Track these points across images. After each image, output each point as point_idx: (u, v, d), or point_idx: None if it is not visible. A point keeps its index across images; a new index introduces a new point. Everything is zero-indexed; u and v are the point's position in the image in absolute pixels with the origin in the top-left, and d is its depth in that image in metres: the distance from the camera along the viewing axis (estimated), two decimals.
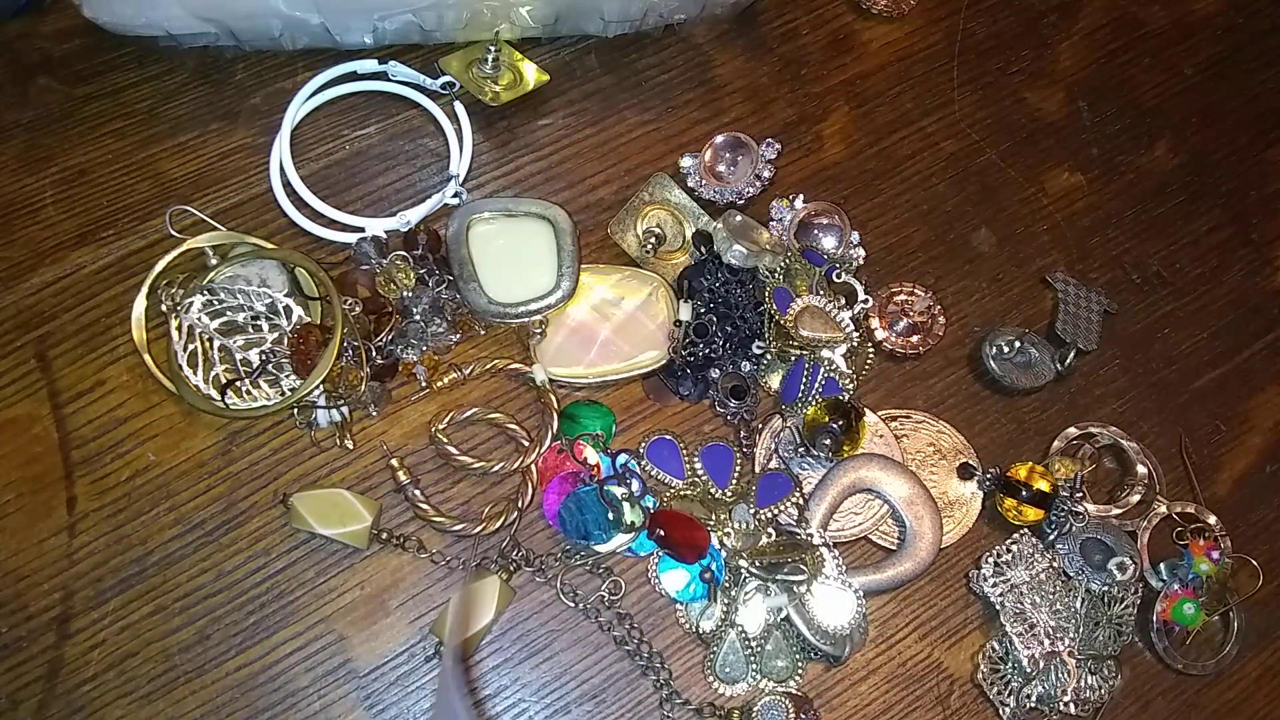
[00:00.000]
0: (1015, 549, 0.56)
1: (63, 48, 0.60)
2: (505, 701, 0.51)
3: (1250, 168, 0.70)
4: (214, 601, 0.51)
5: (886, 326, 0.60)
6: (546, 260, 0.57)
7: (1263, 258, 0.68)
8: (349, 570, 0.52)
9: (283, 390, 0.53)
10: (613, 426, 0.56)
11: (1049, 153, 0.68)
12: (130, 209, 0.57)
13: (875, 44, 0.68)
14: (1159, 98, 0.71)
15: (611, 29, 0.63)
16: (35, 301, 0.55)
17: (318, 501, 0.52)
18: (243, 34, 0.58)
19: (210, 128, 0.59)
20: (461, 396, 0.56)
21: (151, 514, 0.52)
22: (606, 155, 0.62)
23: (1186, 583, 0.57)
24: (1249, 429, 0.63)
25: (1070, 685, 0.53)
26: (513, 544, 0.53)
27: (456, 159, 0.60)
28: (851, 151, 0.65)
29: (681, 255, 0.60)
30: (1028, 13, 0.71)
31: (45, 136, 0.58)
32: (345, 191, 0.59)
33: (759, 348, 0.58)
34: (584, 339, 0.57)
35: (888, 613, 0.56)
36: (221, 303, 0.53)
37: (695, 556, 0.52)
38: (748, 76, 0.66)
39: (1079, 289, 0.62)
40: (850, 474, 0.55)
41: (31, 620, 0.50)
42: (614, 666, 0.53)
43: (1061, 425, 0.60)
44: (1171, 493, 0.60)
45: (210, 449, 0.53)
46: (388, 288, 0.56)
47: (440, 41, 0.61)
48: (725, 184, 0.61)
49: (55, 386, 0.53)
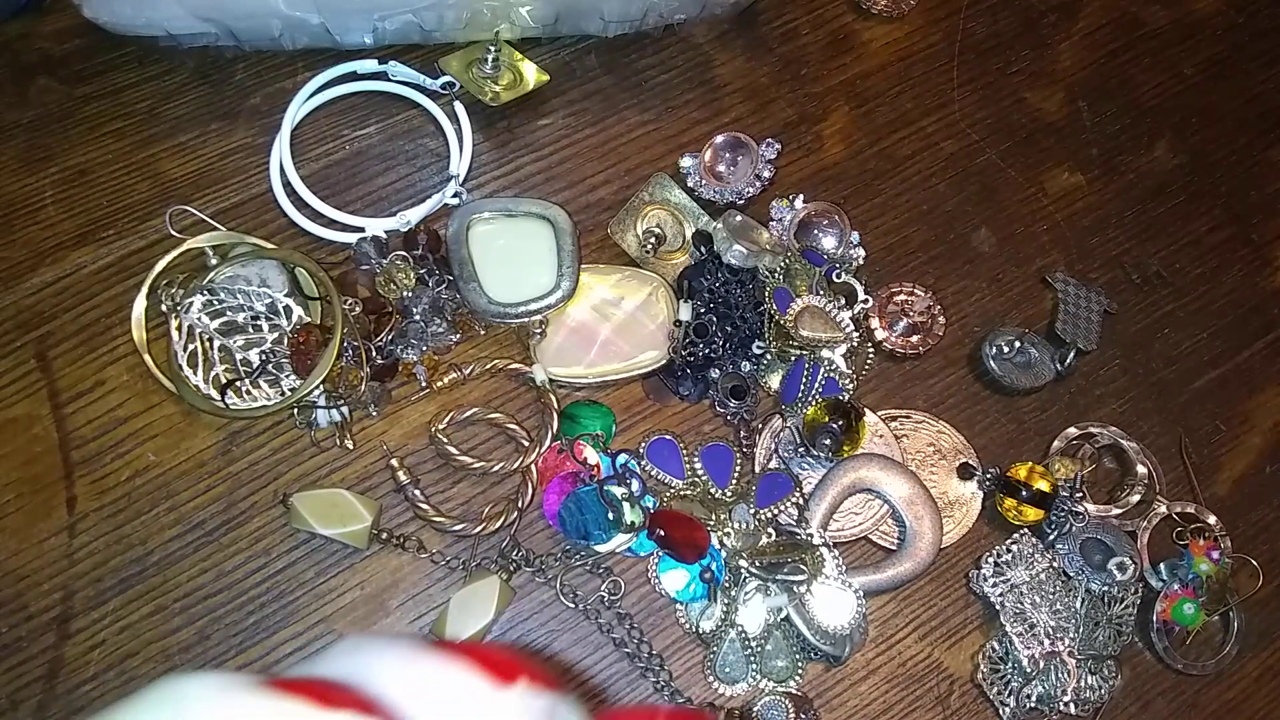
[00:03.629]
0: (1015, 549, 0.56)
1: (63, 48, 0.60)
2: None
3: (1250, 168, 0.70)
4: (214, 601, 0.51)
5: (886, 326, 0.60)
6: (546, 260, 0.57)
7: (1263, 258, 0.68)
8: (349, 570, 0.52)
9: (283, 390, 0.53)
10: (613, 426, 0.56)
11: (1049, 153, 0.68)
12: (130, 209, 0.57)
13: (875, 44, 0.68)
14: (1159, 98, 0.71)
15: (611, 29, 0.63)
16: (35, 301, 0.55)
17: (318, 501, 0.52)
18: (243, 34, 0.58)
19: (210, 128, 0.59)
20: (461, 396, 0.56)
21: (151, 514, 0.52)
22: (606, 155, 0.62)
23: (1186, 583, 0.57)
24: (1249, 429, 0.63)
25: (1070, 685, 0.53)
26: (513, 544, 0.53)
27: (456, 159, 0.60)
28: (851, 151, 0.65)
29: (681, 255, 0.60)
30: (1028, 13, 0.71)
31: (45, 136, 0.58)
32: (345, 191, 0.59)
33: (759, 348, 0.58)
34: (584, 339, 0.57)
35: (888, 613, 0.56)
36: (221, 303, 0.53)
37: (695, 556, 0.52)
38: (748, 76, 0.66)
39: (1079, 289, 0.62)
40: (850, 474, 0.55)
41: (31, 620, 0.50)
42: (614, 666, 0.53)
43: (1061, 425, 0.60)
44: (1171, 493, 0.60)
45: (210, 449, 0.53)
46: (388, 288, 0.56)
47: (440, 41, 0.61)
48: (725, 184, 0.61)
49: (55, 386, 0.53)
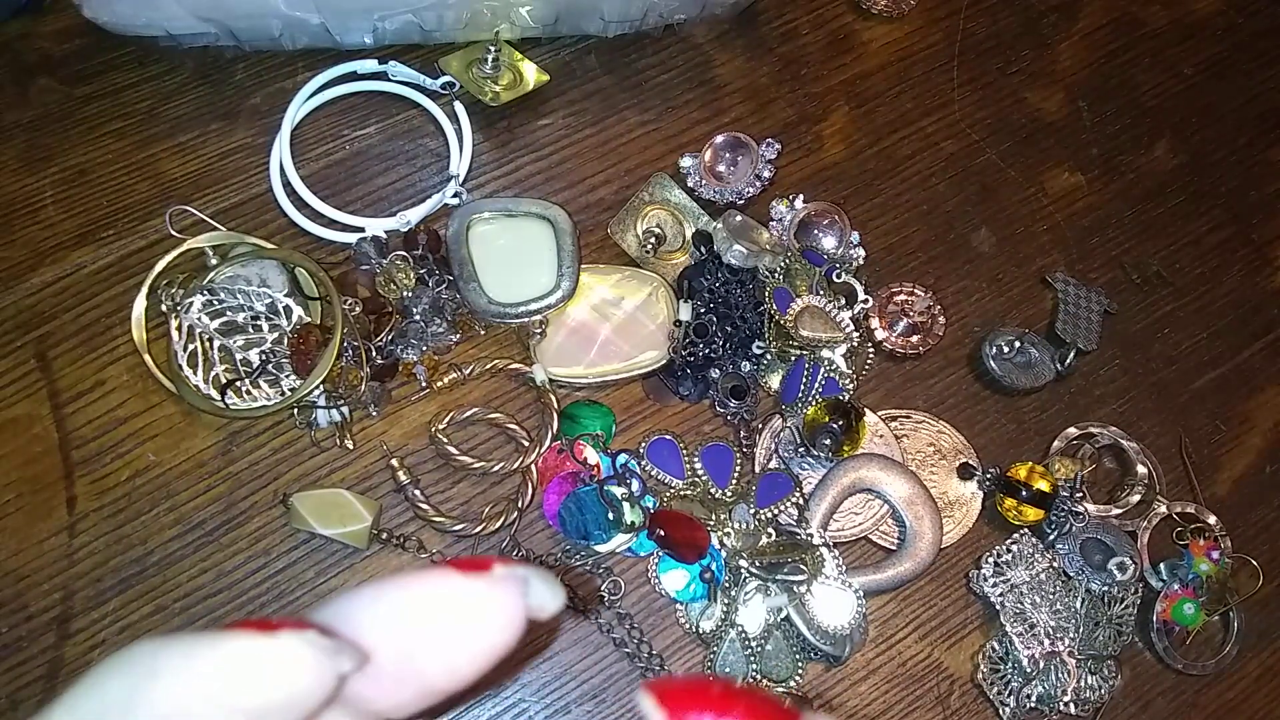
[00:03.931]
0: (1015, 549, 0.56)
1: (63, 48, 0.60)
2: (505, 701, 0.51)
3: (1250, 168, 0.70)
4: (214, 601, 0.51)
5: (886, 326, 0.60)
6: (546, 260, 0.57)
7: (1263, 258, 0.68)
8: (349, 570, 0.52)
9: (283, 390, 0.53)
10: (613, 426, 0.56)
11: (1049, 153, 0.68)
12: (130, 209, 0.57)
13: (875, 44, 0.68)
14: (1159, 98, 0.71)
15: (611, 29, 0.63)
16: (35, 301, 0.55)
17: (318, 501, 0.52)
18: (243, 34, 0.58)
19: (210, 128, 0.59)
20: (461, 396, 0.56)
21: (151, 514, 0.52)
22: (606, 155, 0.62)
23: (1186, 583, 0.57)
24: (1249, 429, 0.63)
25: (1070, 685, 0.53)
26: (513, 544, 0.53)
27: (456, 159, 0.60)
28: (851, 151, 0.65)
29: (681, 255, 0.60)
30: (1028, 13, 0.71)
31: (45, 136, 0.58)
32: (345, 191, 0.59)
33: (759, 348, 0.58)
34: (584, 339, 0.57)
35: (888, 613, 0.56)
36: (221, 303, 0.53)
37: (695, 556, 0.52)
38: (748, 76, 0.66)
39: (1079, 289, 0.62)
40: (850, 474, 0.55)
41: (31, 620, 0.50)
42: (614, 666, 0.53)
43: (1061, 425, 0.60)
44: (1171, 493, 0.60)
45: (210, 449, 0.53)
46: (388, 288, 0.56)
47: (440, 41, 0.61)
48: (725, 184, 0.61)
49: (55, 386, 0.53)
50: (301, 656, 0.17)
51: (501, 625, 0.20)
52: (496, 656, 0.20)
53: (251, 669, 0.17)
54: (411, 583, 0.20)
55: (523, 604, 0.20)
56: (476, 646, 0.20)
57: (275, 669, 0.17)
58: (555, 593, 0.21)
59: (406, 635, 0.20)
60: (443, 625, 0.20)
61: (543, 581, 0.21)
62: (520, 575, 0.20)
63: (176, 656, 0.17)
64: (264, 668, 0.17)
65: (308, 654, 0.18)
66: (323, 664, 0.18)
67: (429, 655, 0.20)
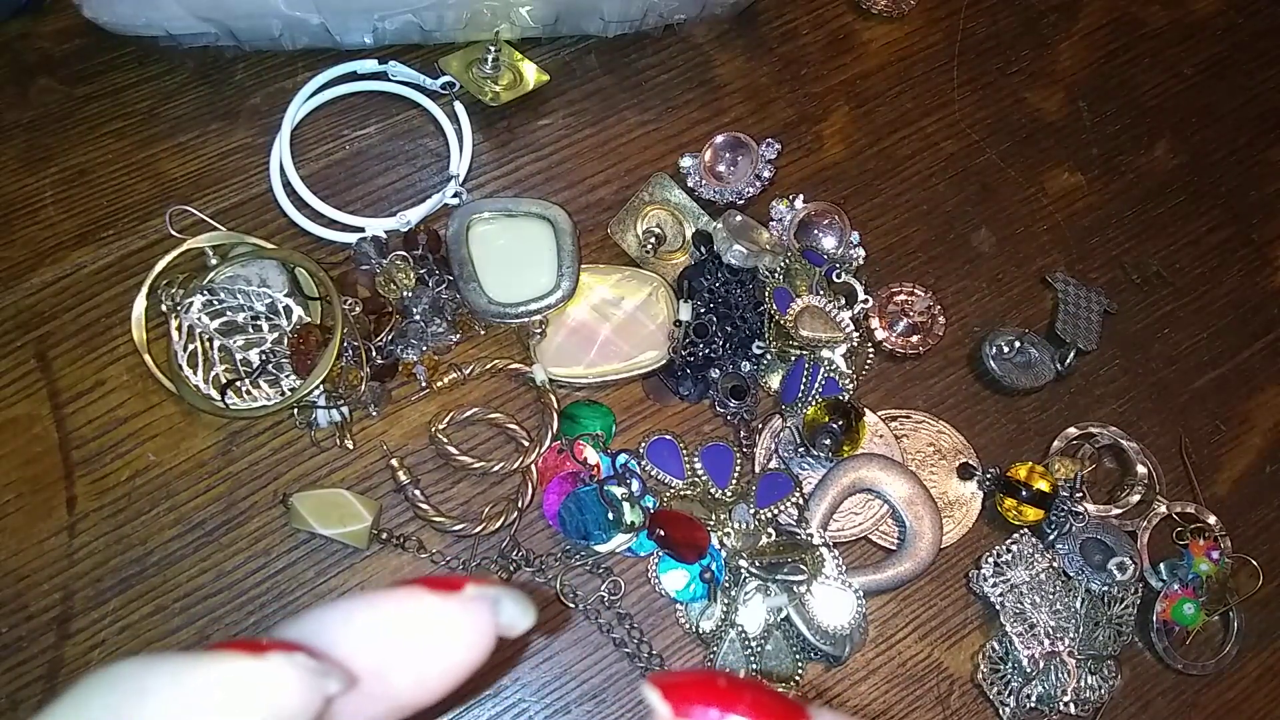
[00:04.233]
0: (1015, 549, 0.56)
1: (63, 48, 0.60)
2: (505, 701, 0.52)
3: (1250, 168, 0.70)
4: (214, 601, 0.51)
5: (886, 326, 0.60)
6: (546, 260, 0.57)
7: (1263, 258, 0.68)
8: (349, 570, 0.52)
9: (283, 390, 0.53)
10: (613, 426, 0.56)
11: (1049, 153, 0.68)
12: (130, 209, 0.57)
13: (875, 44, 0.68)
14: (1159, 98, 0.71)
15: (611, 29, 0.63)
16: (35, 301, 0.55)
17: (318, 501, 0.52)
18: (243, 34, 0.58)
19: (210, 128, 0.59)
20: (461, 396, 0.56)
21: (151, 514, 0.52)
22: (606, 155, 0.62)
23: (1186, 583, 0.57)
24: (1249, 429, 0.63)
25: (1070, 685, 0.53)
26: (513, 544, 0.53)
27: (456, 159, 0.60)
28: (851, 151, 0.65)
29: (681, 255, 0.60)
30: (1028, 13, 0.71)
31: (45, 136, 0.58)
32: (345, 191, 0.59)
33: (759, 348, 0.58)
34: (584, 339, 0.57)
35: (888, 613, 0.56)
36: (221, 303, 0.53)
37: (695, 556, 0.52)
38: (748, 76, 0.66)
39: (1079, 289, 0.62)
40: (850, 474, 0.55)
41: (31, 620, 0.50)
42: (614, 666, 0.53)
43: (1061, 425, 0.60)
44: (1171, 493, 0.60)
45: (210, 449, 0.53)
46: (388, 288, 0.56)
47: (440, 41, 0.61)
48: (725, 184, 0.61)
49: (55, 386, 0.53)
50: (290, 679, 0.17)
51: (471, 644, 0.20)
52: (466, 674, 0.20)
53: (240, 691, 0.17)
54: (383, 601, 0.20)
55: (493, 623, 0.20)
56: (447, 664, 0.20)
57: (264, 691, 0.17)
58: (526, 612, 0.21)
59: (378, 652, 0.20)
60: (414, 643, 0.20)
61: (514, 601, 0.21)
62: (491, 595, 0.21)
63: (165, 676, 0.17)
64: (253, 690, 0.17)
65: (296, 676, 0.18)
66: (311, 686, 0.18)
67: (400, 672, 0.20)
